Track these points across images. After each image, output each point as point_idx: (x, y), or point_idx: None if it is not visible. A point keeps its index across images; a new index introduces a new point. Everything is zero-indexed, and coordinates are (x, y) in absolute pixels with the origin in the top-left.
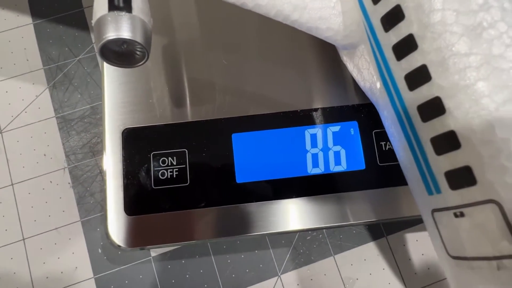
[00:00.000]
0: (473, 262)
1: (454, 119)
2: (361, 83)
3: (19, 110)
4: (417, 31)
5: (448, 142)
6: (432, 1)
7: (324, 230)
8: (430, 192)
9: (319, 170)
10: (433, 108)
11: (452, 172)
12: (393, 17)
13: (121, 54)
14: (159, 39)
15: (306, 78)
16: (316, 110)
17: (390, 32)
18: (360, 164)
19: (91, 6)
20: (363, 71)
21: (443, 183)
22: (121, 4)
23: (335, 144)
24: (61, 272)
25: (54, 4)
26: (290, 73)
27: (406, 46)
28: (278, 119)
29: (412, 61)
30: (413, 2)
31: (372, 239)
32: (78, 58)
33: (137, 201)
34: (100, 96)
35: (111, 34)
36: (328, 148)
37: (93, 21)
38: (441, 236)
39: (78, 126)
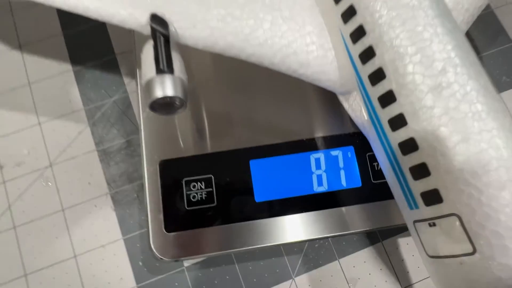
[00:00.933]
0: (444, 260)
1: (425, 154)
2: (354, 119)
3: (65, 145)
4: (395, 88)
5: (421, 171)
6: (406, 66)
7: (329, 238)
8: (411, 208)
9: (323, 188)
10: (409, 146)
11: (425, 193)
12: (377, 76)
13: (165, 105)
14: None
15: (310, 112)
16: (318, 138)
17: (375, 86)
18: (357, 182)
19: (122, 53)
20: (356, 111)
21: (419, 201)
22: (165, 68)
23: (335, 166)
24: (109, 283)
25: (90, 52)
26: (297, 109)
27: (387, 98)
28: (287, 147)
29: (393, 110)
30: (392, 66)
31: (370, 244)
32: (113, 98)
33: (174, 220)
34: (133, 131)
35: (159, 94)
36: (330, 170)
37: (143, 82)
38: (421, 241)
39: (116, 158)
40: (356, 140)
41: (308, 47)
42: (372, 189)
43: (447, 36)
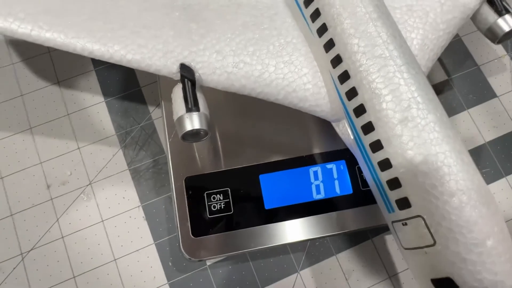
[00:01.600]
0: (414, 250)
1: (397, 170)
2: (344, 141)
3: (101, 166)
4: (373, 120)
5: (395, 183)
6: (380, 104)
7: (327, 237)
8: (389, 211)
9: (321, 196)
10: (386, 164)
11: (398, 200)
12: (360, 110)
13: (193, 135)
14: None
15: (308, 133)
16: (316, 154)
17: (359, 118)
18: (349, 190)
19: (146, 85)
20: (345, 135)
21: (395, 206)
22: (193, 107)
23: (330, 177)
24: (144, 281)
25: (118, 85)
26: (297, 131)
27: (368, 127)
28: (290, 162)
29: (372, 136)
30: (370, 103)
31: (362, 241)
32: (140, 125)
33: (199, 226)
34: (159, 152)
35: (189, 127)
36: (326, 180)
37: (175, 118)
38: (398, 237)
39: (146, 175)
40: (347, 155)
41: (305, 86)
42: (362, 195)
43: (412, 80)
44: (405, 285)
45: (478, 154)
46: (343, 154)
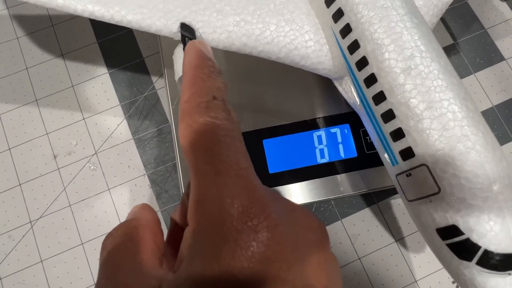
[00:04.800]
0: (419, 201)
1: (400, 121)
2: (347, 99)
3: (106, 136)
4: (376, 71)
5: (398, 134)
6: (383, 54)
7: (332, 201)
8: (393, 164)
9: (325, 159)
10: (389, 115)
11: (402, 151)
12: (362, 63)
13: None
14: None
15: (311, 97)
16: (319, 118)
17: (361, 71)
18: (353, 153)
19: (149, 56)
20: (348, 93)
21: (398, 157)
22: None
23: (334, 141)
24: None
25: (122, 57)
26: (300, 95)
27: (371, 80)
28: (293, 127)
29: (375, 88)
30: (373, 55)
31: (367, 205)
32: (144, 95)
33: None
34: (163, 121)
35: None
36: (330, 144)
37: (176, 78)
38: (402, 189)
39: (150, 144)
40: (351, 119)
41: (307, 43)
42: (366, 158)
43: (414, 29)
44: (411, 249)
45: (486, 118)
46: (347, 118)
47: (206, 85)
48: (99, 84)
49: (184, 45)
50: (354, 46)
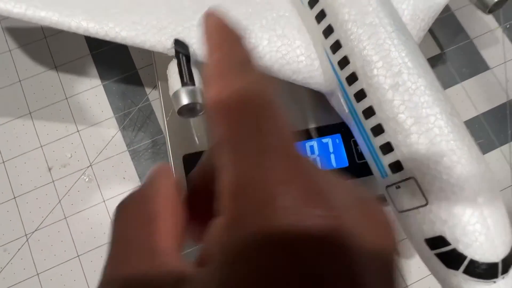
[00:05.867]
0: (407, 212)
1: (388, 135)
2: (338, 112)
3: (101, 148)
4: (365, 87)
5: (387, 148)
6: (372, 71)
7: None
8: (382, 176)
9: None
10: (378, 130)
11: (391, 164)
12: (352, 78)
13: (189, 110)
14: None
15: (304, 108)
16: (312, 129)
17: (351, 86)
18: (345, 163)
19: (142, 68)
20: (339, 106)
21: (388, 170)
22: (188, 82)
23: (326, 150)
24: None
25: (115, 68)
26: (293, 105)
27: (360, 95)
28: None
29: (365, 103)
30: (362, 71)
31: None
32: (138, 106)
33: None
34: (157, 132)
35: (185, 101)
36: (322, 154)
37: (171, 93)
38: (392, 201)
39: (145, 155)
40: (342, 129)
41: (299, 58)
42: (357, 167)
43: (402, 46)
44: (402, 254)
45: (472, 126)
46: (339, 128)
47: (237, 46)
48: (93, 96)
49: (178, 60)
50: (344, 62)
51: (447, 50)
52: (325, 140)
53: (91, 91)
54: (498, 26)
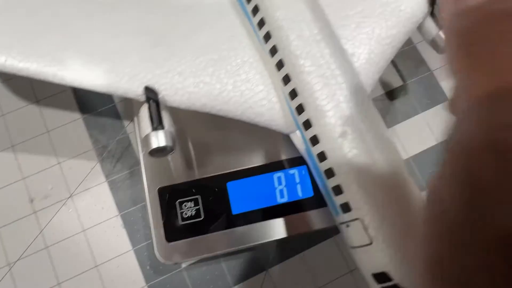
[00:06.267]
0: (357, 249)
1: (339, 178)
2: (299, 150)
3: (81, 179)
4: (318, 133)
5: (338, 190)
6: (324, 119)
7: (290, 239)
8: (336, 214)
9: (284, 199)
10: (330, 173)
11: (342, 204)
12: (307, 125)
13: (159, 151)
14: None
15: (271, 142)
16: (279, 161)
17: (307, 131)
18: (310, 193)
19: (120, 101)
20: (299, 145)
21: (339, 210)
22: (158, 126)
23: (293, 181)
24: (125, 284)
25: (95, 102)
26: (261, 139)
27: (314, 141)
28: (255, 169)
29: (318, 148)
30: (315, 119)
31: (325, 239)
32: (116, 139)
33: (172, 232)
34: (134, 164)
35: (154, 145)
36: (289, 185)
37: (141, 136)
38: (344, 236)
39: (123, 186)
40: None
41: (261, 102)
42: (322, 197)
43: (351, 97)
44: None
45: (431, 155)
46: (305, 160)
47: None
48: (73, 129)
49: (149, 105)
50: (300, 109)
51: (409, 81)
52: (291, 171)
53: (72, 124)
54: None
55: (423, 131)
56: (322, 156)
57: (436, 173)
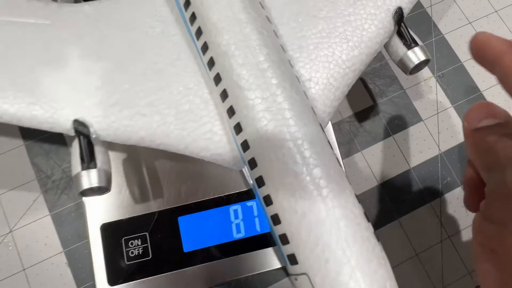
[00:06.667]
0: None
1: (285, 227)
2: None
3: (22, 213)
4: (263, 174)
5: (285, 239)
6: (270, 156)
7: (249, 278)
8: (285, 263)
9: (241, 234)
10: (276, 220)
11: (289, 255)
12: (253, 164)
13: (92, 191)
14: (120, 165)
15: (228, 173)
16: (236, 193)
17: (253, 171)
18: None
19: None
20: (248, 181)
21: (287, 260)
22: (89, 164)
23: (251, 214)
24: None
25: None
26: (216, 170)
27: (260, 181)
28: (210, 202)
29: (263, 191)
30: (261, 158)
31: (284, 276)
32: (62, 167)
33: (116, 274)
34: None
35: (85, 185)
36: (246, 218)
37: (72, 174)
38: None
39: (68, 220)
40: None
41: (205, 135)
42: None
43: (299, 133)
44: None
45: (403, 181)
46: None
47: None
48: (14, 157)
49: (79, 140)
50: (245, 146)
51: (380, 101)
52: (249, 203)
53: (12, 152)
54: (431, 75)
55: (395, 156)
56: (268, 200)
57: None
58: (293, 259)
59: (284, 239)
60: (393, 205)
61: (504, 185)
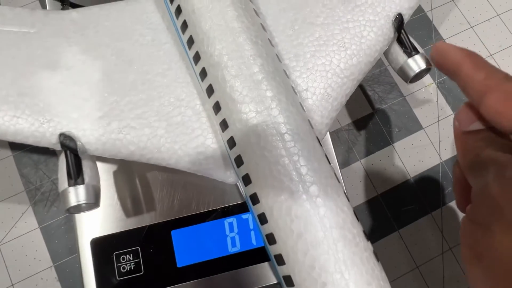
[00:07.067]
0: None
1: (280, 248)
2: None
3: (10, 226)
4: (258, 192)
5: (280, 260)
6: (264, 172)
7: None
8: (282, 285)
9: (237, 248)
10: (271, 239)
11: (284, 277)
12: (247, 180)
13: (79, 207)
14: (111, 177)
15: (223, 184)
16: (231, 206)
17: (247, 187)
18: None
19: None
20: (242, 192)
21: (283, 282)
22: (76, 180)
23: (246, 227)
24: None
25: None
26: (210, 182)
27: (254, 199)
28: (204, 215)
29: (258, 209)
30: (255, 174)
31: None
32: (51, 179)
33: None
34: None
35: (72, 202)
36: (241, 231)
37: (59, 190)
38: None
39: (58, 233)
40: None
41: (198, 149)
42: None
43: (295, 149)
44: None
45: (403, 191)
46: None
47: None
48: (2, 168)
49: (66, 154)
50: (239, 161)
51: (380, 108)
52: (245, 216)
53: (0, 163)
54: (432, 82)
55: (394, 165)
56: (263, 219)
57: None
58: (289, 281)
59: (280, 260)
60: (393, 216)
61: (488, 189)
